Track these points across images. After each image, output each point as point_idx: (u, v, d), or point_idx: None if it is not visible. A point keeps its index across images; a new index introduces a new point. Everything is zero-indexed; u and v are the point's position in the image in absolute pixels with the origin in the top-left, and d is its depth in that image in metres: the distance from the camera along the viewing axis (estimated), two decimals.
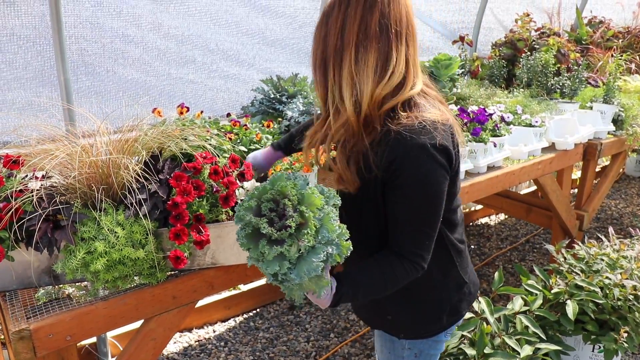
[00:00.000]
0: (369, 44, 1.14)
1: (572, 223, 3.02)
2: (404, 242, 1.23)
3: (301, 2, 2.85)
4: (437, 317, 1.43)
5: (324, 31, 1.18)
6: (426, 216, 1.21)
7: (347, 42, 1.14)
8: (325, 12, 1.19)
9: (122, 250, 1.32)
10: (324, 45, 1.18)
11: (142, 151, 1.39)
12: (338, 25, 1.15)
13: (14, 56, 2.10)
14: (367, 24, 1.13)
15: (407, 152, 1.14)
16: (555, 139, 2.75)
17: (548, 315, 2.31)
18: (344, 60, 1.15)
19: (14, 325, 1.25)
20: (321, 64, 1.19)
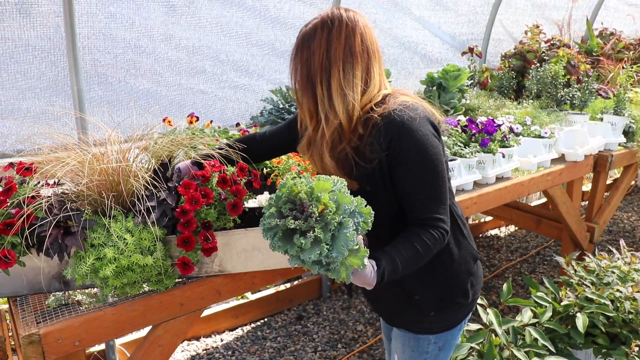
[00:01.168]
0: (355, 60, 1.31)
1: (582, 235, 2.99)
2: (420, 211, 1.32)
3: (310, 14, 2.88)
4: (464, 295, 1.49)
5: (307, 53, 1.31)
6: (433, 180, 1.31)
7: (334, 60, 1.29)
8: (305, 37, 1.32)
9: (131, 257, 1.34)
10: (308, 65, 1.31)
11: (151, 159, 1.41)
12: (323, 47, 1.29)
13: (29, 66, 2.15)
14: (351, 44, 1.30)
15: (399, 127, 1.27)
16: (565, 150, 2.74)
17: (558, 327, 2.28)
18: (332, 76, 1.30)
19: (24, 330, 1.26)
20: (307, 82, 1.32)
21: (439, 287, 1.46)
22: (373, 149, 1.31)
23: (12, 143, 2.16)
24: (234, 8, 2.57)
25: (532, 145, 2.60)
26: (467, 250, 1.50)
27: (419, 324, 1.50)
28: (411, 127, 1.28)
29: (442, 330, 1.50)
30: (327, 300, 3.45)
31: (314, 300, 3.45)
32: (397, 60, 3.39)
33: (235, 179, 1.53)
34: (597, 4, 4.50)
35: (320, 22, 1.31)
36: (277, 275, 1.69)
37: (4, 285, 1.40)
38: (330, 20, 1.31)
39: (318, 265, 1.11)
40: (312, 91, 1.32)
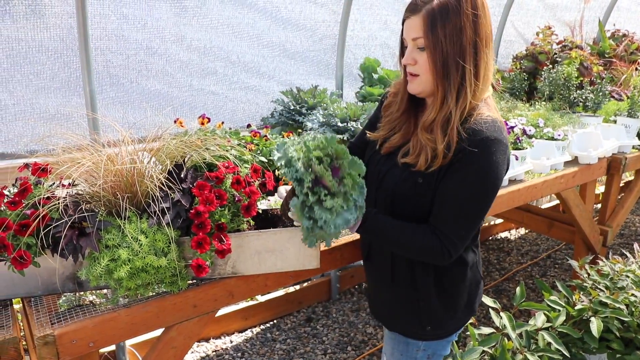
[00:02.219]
0: (491, 43, 1.28)
1: (595, 238, 2.96)
2: (445, 220, 1.29)
3: (322, 15, 2.88)
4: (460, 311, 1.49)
5: (450, 27, 1.21)
6: (477, 205, 1.29)
7: (482, 35, 1.24)
8: (444, 7, 1.21)
9: (145, 258, 1.33)
10: (453, 40, 1.22)
11: (166, 160, 1.41)
12: (470, 21, 1.22)
13: (42, 67, 2.15)
14: (490, 23, 1.27)
15: (480, 142, 1.23)
16: (578, 152, 2.71)
17: (571, 332, 2.25)
18: (480, 53, 1.25)
19: (39, 331, 1.26)
20: (452, 60, 1.23)
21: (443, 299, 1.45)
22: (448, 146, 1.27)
23: (26, 143, 2.17)
24: (245, 9, 2.56)
25: (545, 148, 2.58)
26: (476, 272, 1.51)
27: (412, 329, 1.49)
28: (489, 150, 1.24)
29: (432, 339, 1.49)
30: (336, 302, 3.43)
31: (323, 302, 3.43)
32: None
33: (249, 180, 1.52)
34: (610, 5, 4.47)
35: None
36: (290, 277, 1.68)
37: (18, 285, 1.40)
38: None
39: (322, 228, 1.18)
40: (456, 69, 1.24)
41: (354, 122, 2.33)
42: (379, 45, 3.18)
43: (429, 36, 1.23)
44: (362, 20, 3.05)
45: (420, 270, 1.42)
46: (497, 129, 1.26)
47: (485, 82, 1.28)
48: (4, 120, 2.11)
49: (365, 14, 3.04)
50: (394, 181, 1.38)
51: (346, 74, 3.10)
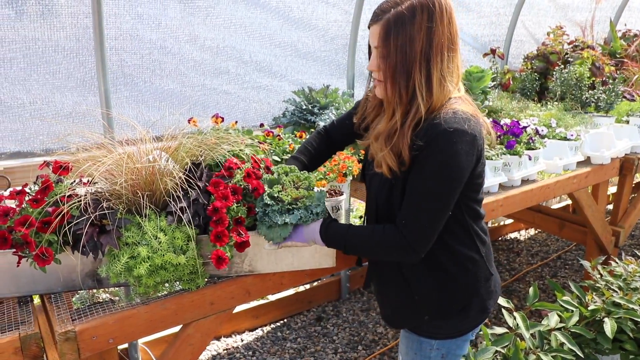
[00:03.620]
0: (453, 49, 1.27)
1: (607, 239, 2.95)
2: (406, 217, 1.30)
3: (333, 15, 2.88)
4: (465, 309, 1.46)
5: (403, 38, 1.22)
6: (436, 198, 1.28)
7: (436, 47, 1.23)
8: (399, 18, 1.22)
9: (164, 256, 1.34)
10: (404, 50, 1.22)
11: (185, 158, 1.42)
12: (423, 31, 1.21)
13: (57, 66, 2.17)
14: (450, 32, 1.26)
15: (438, 134, 1.23)
16: (591, 153, 2.70)
17: (585, 332, 2.24)
18: (433, 65, 1.24)
19: (60, 327, 1.28)
20: (402, 68, 1.24)
21: (439, 294, 1.44)
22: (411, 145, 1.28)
23: (43, 141, 2.19)
24: (258, 9, 2.57)
25: (557, 148, 2.57)
26: (480, 269, 1.47)
27: (418, 326, 1.49)
28: (446, 140, 1.22)
29: (444, 338, 1.48)
30: (346, 301, 3.44)
31: (333, 301, 3.44)
32: None
33: (258, 172, 1.54)
34: (621, 5, 4.44)
35: (419, 4, 1.22)
36: (306, 275, 1.69)
37: (38, 282, 1.41)
38: (431, 2, 1.23)
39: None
40: (406, 79, 1.24)
41: None
42: None
43: (383, 45, 1.25)
44: None
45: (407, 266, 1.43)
46: (459, 120, 1.24)
47: (442, 90, 1.26)
48: (20, 118, 2.13)
49: None
50: (376, 187, 1.42)
51: (357, 74, 3.11)
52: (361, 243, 1.37)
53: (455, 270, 1.43)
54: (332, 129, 1.72)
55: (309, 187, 1.54)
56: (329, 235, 1.39)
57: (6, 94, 2.09)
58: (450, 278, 1.43)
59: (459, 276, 1.44)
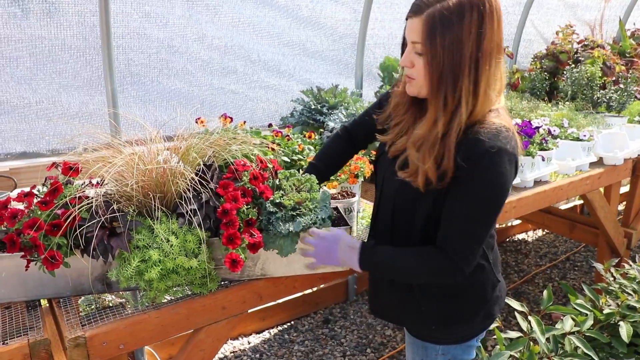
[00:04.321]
0: (498, 56, 1.18)
1: (620, 241, 2.91)
2: (452, 239, 1.24)
3: (342, 14, 2.85)
4: (471, 317, 1.42)
5: (450, 38, 1.12)
6: (484, 217, 1.23)
7: (486, 51, 1.15)
8: (445, 16, 1.12)
9: (176, 260, 1.31)
10: (452, 52, 1.13)
11: (197, 159, 1.38)
12: (473, 34, 1.13)
13: (64, 65, 2.14)
14: (499, 36, 1.17)
15: (482, 153, 1.16)
16: (603, 153, 2.66)
17: (599, 336, 2.20)
18: (481, 70, 1.16)
19: (70, 332, 1.24)
20: (448, 72, 1.15)
21: (447, 305, 1.39)
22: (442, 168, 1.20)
23: (49, 142, 2.16)
24: (266, 8, 2.54)
25: (570, 148, 2.53)
26: (487, 276, 1.42)
27: (423, 332, 1.45)
28: (492, 160, 1.16)
29: (450, 343, 1.44)
30: (353, 303, 3.40)
31: (340, 303, 3.40)
32: None
33: (265, 175, 1.50)
34: (630, 4, 4.40)
35: (469, 1, 1.13)
36: (318, 279, 1.66)
37: (47, 286, 1.38)
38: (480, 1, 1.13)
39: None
40: (452, 85, 1.15)
41: None
42: (399, 44, 3.14)
43: (426, 44, 1.15)
44: (382, 19, 3.01)
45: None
46: (502, 138, 1.18)
47: (486, 99, 1.19)
48: (26, 118, 2.10)
49: (386, 13, 3.00)
50: (394, 193, 1.34)
51: (365, 73, 3.07)
52: (406, 270, 1.30)
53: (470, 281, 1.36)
54: (354, 128, 1.66)
55: (311, 190, 1.50)
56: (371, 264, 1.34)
57: (12, 94, 2.06)
58: (459, 288, 1.38)
59: (467, 286, 1.39)
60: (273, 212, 1.39)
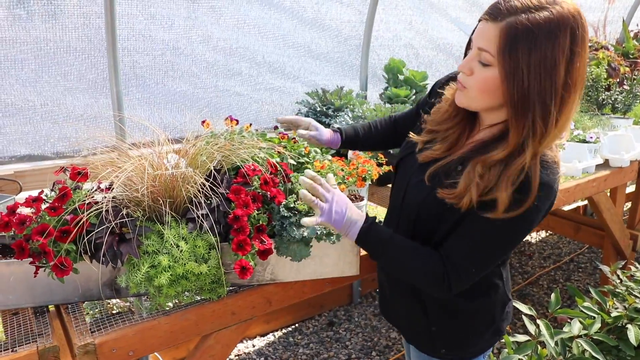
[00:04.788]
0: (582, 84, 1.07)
1: (625, 243, 2.90)
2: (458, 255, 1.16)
3: (347, 16, 2.84)
4: (482, 335, 1.38)
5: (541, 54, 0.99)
6: (501, 248, 1.16)
7: (575, 76, 1.03)
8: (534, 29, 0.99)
9: (186, 265, 1.30)
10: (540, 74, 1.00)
11: (208, 163, 1.37)
12: (566, 54, 1.00)
13: (69, 68, 2.13)
14: (586, 59, 1.05)
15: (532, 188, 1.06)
16: (609, 155, 2.65)
17: (607, 340, 2.19)
18: (568, 98, 1.03)
19: (79, 339, 1.23)
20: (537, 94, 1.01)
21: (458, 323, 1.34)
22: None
23: (54, 144, 2.14)
24: (272, 9, 2.53)
25: (577, 150, 2.52)
26: (499, 296, 1.36)
27: (431, 351, 1.40)
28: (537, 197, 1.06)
29: (453, 353, 1.39)
30: (358, 306, 3.39)
31: (345, 306, 3.39)
32: (432, 63, 3.33)
33: (276, 180, 1.49)
34: (634, 5, 4.39)
35: (562, 18, 0.99)
36: (327, 283, 1.65)
37: (55, 292, 1.36)
38: (573, 18, 1.00)
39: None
40: (541, 110, 1.02)
41: None
42: (404, 46, 3.14)
43: (504, 57, 1.01)
44: (387, 21, 3.00)
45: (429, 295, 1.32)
46: (550, 173, 1.08)
47: (563, 129, 1.07)
48: (31, 121, 2.09)
49: (390, 14, 2.99)
50: (422, 197, 1.23)
51: (370, 75, 3.06)
52: (398, 258, 1.22)
53: (478, 300, 1.32)
54: (400, 119, 1.60)
55: None
56: (370, 235, 1.22)
57: (17, 96, 2.04)
58: (472, 309, 1.33)
59: (480, 307, 1.34)
60: (287, 216, 1.38)
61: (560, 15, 0.99)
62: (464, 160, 1.17)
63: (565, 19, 0.99)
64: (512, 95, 1.03)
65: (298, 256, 1.41)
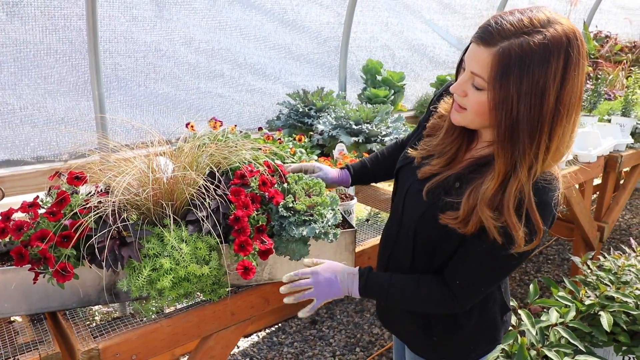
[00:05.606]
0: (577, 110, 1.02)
1: (593, 235, 3.05)
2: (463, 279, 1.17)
3: (326, 17, 2.87)
4: (480, 344, 1.39)
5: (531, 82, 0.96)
6: (505, 267, 1.17)
7: (565, 101, 0.98)
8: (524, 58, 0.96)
9: (188, 267, 1.30)
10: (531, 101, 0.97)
11: (209, 165, 1.38)
12: (557, 81, 0.96)
13: (50, 70, 2.09)
14: (580, 87, 1.01)
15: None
16: (578, 151, 2.78)
17: (582, 327, 2.31)
18: (558, 123, 0.99)
19: (83, 345, 1.22)
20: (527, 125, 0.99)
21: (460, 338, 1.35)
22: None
23: (34, 148, 2.10)
24: (254, 11, 2.54)
25: None
26: (499, 304, 1.38)
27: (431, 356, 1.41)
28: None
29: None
30: (339, 304, 3.43)
31: (326, 304, 3.43)
32: (407, 63, 3.40)
33: (273, 180, 1.51)
34: (593, 7, 4.60)
35: (555, 43, 0.95)
36: None
37: (52, 298, 1.35)
38: (567, 41, 0.96)
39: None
40: (529, 138, 1.00)
41: (368, 124, 2.33)
42: (380, 47, 3.20)
43: (496, 85, 0.99)
44: (365, 22, 3.06)
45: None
46: (550, 191, 1.07)
47: (555, 156, 1.05)
48: (10, 125, 2.03)
49: (368, 16, 3.05)
50: (420, 211, 1.23)
51: (349, 76, 3.11)
52: (405, 298, 1.25)
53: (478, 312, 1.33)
54: (406, 141, 1.55)
55: (320, 194, 1.53)
56: (368, 292, 1.27)
57: None
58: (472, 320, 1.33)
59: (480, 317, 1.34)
60: (286, 216, 1.40)
61: (553, 39, 0.95)
62: (461, 177, 1.17)
63: (559, 43, 0.95)
64: (500, 122, 1.01)
65: (297, 255, 1.44)
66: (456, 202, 1.13)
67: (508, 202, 1.04)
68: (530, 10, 1.00)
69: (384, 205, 2.18)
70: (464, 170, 1.18)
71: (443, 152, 1.24)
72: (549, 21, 0.97)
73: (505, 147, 1.03)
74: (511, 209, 1.04)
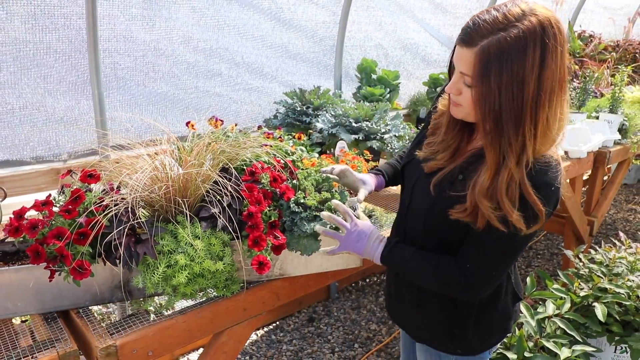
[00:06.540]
0: (561, 93, 1.07)
1: (584, 229, 3.12)
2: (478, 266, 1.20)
3: (322, 17, 2.90)
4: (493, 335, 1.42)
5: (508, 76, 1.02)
6: (516, 249, 1.20)
7: (545, 89, 1.03)
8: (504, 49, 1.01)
9: (203, 263, 1.32)
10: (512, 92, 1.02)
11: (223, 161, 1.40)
12: (535, 71, 1.01)
13: (49, 70, 2.07)
14: (562, 72, 1.05)
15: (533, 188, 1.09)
16: (569, 147, 2.85)
17: (577, 318, 2.37)
18: (541, 111, 1.04)
19: (100, 342, 1.23)
20: (509, 114, 1.04)
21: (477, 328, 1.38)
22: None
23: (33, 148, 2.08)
24: (251, 10, 2.55)
25: None
26: (511, 294, 1.41)
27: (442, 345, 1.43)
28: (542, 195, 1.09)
29: (466, 354, 1.42)
30: (336, 301, 3.46)
31: (323, 301, 3.45)
32: (400, 62, 3.44)
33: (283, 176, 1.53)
34: (577, 7, 4.71)
35: (530, 34, 1.01)
36: (329, 277, 1.70)
37: (65, 297, 1.34)
38: (542, 30, 1.01)
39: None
40: (514, 127, 1.05)
41: (367, 122, 2.36)
42: (374, 46, 3.23)
43: (478, 82, 1.06)
44: (359, 22, 3.09)
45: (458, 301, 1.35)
46: (551, 172, 1.11)
47: (545, 141, 1.09)
48: (10, 125, 2.01)
49: (362, 15, 3.08)
50: (427, 205, 1.28)
51: (344, 75, 3.14)
52: (422, 273, 1.28)
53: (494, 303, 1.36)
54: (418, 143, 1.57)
55: (329, 189, 1.55)
56: (393, 256, 1.30)
57: None
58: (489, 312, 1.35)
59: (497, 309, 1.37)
60: (297, 212, 1.42)
61: (528, 31, 1.01)
62: (463, 169, 1.22)
63: (533, 34, 1.01)
64: (484, 115, 1.07)
65: (308, 250, 1.46)
66: (462, 195, 1.18)
67: (501, 190, 1.09)
68: (505, 6, 1.05)
69: (382, 202, 2.22)
70: (466, 162, 1.24)
71: (447, 146, 1.29)
72: (524, 14, 1.03)
73: (493, 139, 1.09)
74: (503, 196, 1.09)
